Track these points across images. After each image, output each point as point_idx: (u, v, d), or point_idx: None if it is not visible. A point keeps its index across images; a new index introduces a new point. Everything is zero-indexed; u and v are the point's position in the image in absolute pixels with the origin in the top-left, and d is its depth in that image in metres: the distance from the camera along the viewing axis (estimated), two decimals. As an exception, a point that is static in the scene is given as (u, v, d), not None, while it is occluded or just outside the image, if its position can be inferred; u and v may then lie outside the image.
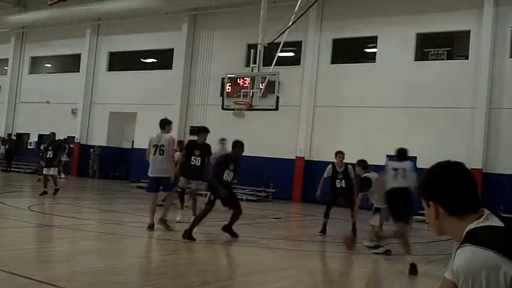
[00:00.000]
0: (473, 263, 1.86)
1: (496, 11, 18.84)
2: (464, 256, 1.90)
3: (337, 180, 12.19)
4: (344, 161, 12.34)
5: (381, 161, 20.24)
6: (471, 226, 2.00)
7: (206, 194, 10.99)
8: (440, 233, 2.18)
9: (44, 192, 15.94)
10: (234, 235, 10.35)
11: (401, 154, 9.79)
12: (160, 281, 6.72)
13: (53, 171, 16.54)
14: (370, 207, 10.74)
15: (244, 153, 10.75)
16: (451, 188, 2.08)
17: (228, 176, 10.22)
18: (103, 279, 6.54)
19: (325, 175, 12.40)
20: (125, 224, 11.77)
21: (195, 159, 12.31)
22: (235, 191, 11.65)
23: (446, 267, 2.23)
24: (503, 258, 1.84)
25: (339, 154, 12.35)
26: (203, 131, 12.72)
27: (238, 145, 10.51)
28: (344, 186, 12.13)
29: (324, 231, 12.11)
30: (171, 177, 10.92)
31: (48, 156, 16.75)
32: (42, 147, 24.60)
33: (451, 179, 2.09)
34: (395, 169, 9.49)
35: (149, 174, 10.92)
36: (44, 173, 16.67)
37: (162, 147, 10.66)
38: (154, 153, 10.70)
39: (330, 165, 12.40)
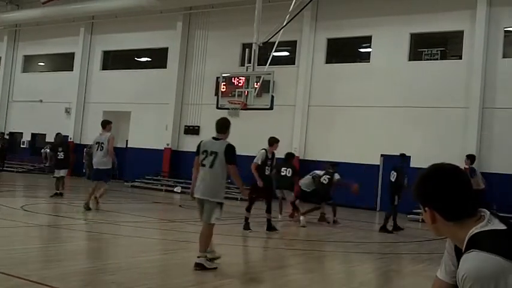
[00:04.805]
0: (482, 269, 1.80)
1: (489, 12, 18.92)
2: (473, 263, 1.83)
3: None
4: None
5: (375, 160, 20.48)
6: (475, 230, 1.94)
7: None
8: (439, 235, 2.13)
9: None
10: None
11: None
12: (153, 280, 6.71)
13: None
14: None
15: (239, 153, 10.81)
16: (446, 195, 2.00)
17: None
18: (97, 279, 6.53)
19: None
20: (118, 223, 11.75)
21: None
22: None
23: (439, 266, 2.23)
24: (510, 263, 1.79)
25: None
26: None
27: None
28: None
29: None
30: (109, 168, 13.13)
31: None
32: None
33: (446, 184, 2.00)
34: None
35: (93, 166, 13.41)
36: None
37: (102, 145, 12.93)
38: (97, 149, 13.04)
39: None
